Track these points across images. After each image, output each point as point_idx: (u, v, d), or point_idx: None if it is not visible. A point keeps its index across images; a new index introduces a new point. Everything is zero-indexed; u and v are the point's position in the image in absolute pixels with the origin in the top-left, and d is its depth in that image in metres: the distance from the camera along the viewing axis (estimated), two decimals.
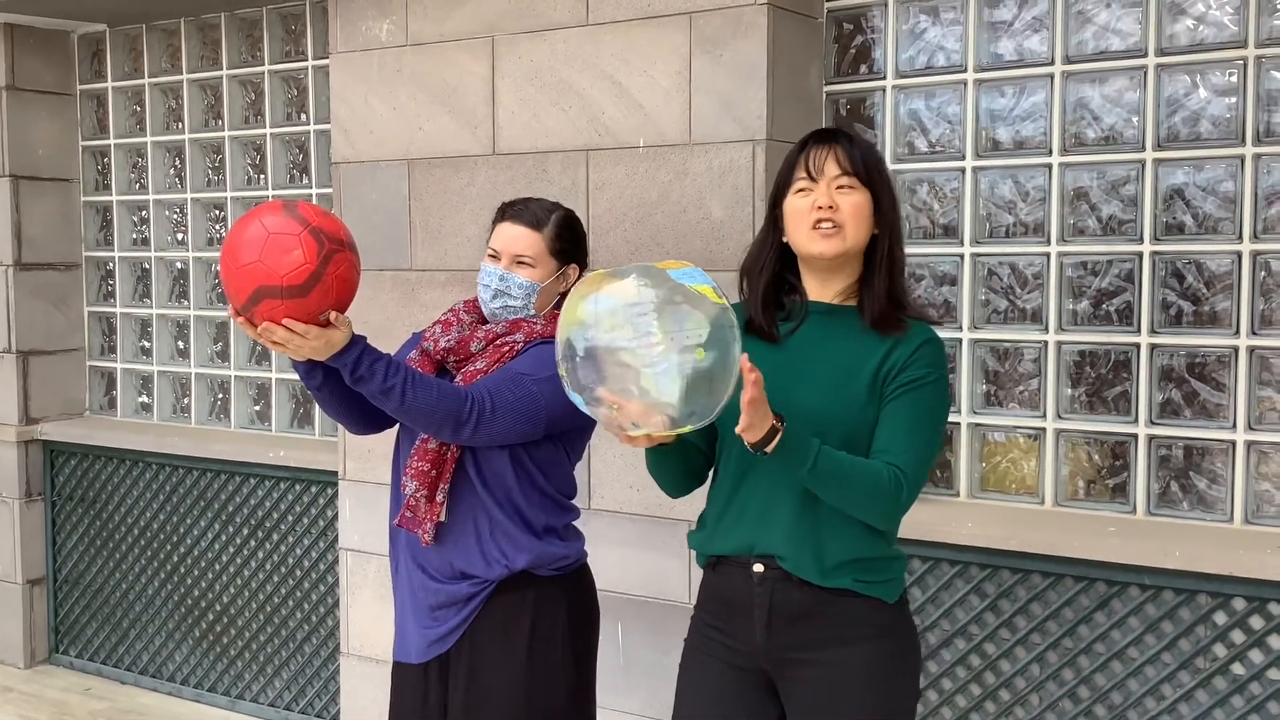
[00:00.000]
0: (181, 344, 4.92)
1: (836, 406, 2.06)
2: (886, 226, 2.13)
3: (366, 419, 2.46)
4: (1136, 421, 3.10)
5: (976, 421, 3.30)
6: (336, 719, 4.28)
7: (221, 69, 4.68)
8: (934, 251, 3.34)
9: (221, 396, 4.83)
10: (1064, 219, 3.18)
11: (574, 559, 2.49)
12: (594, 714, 2.55)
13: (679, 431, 1.95)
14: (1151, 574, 2.91)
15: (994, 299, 3.29)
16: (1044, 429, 3.21)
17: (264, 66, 4.57)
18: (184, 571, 4.67)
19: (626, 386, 1.91)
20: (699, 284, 1.94)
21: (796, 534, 2.07)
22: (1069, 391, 3.20)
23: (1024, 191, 3.24)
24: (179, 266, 4.90)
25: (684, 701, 2.23)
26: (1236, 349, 3.00)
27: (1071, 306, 3.19)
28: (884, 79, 3.37)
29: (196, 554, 4.63)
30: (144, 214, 4.99)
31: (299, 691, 4.41)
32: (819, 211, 2.08)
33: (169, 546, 4.70)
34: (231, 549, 4.53)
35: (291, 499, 4.37)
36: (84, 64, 5.07)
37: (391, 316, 3.82)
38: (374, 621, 3.96)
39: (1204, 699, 2.90)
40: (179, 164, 4.87)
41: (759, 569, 2.10)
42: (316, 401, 2.39)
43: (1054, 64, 3.17)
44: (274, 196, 4.56)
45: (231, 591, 4.54)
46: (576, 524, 2.55)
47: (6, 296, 4.89)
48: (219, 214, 4.78)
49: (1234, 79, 2.98)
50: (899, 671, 2.14)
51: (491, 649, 2.41)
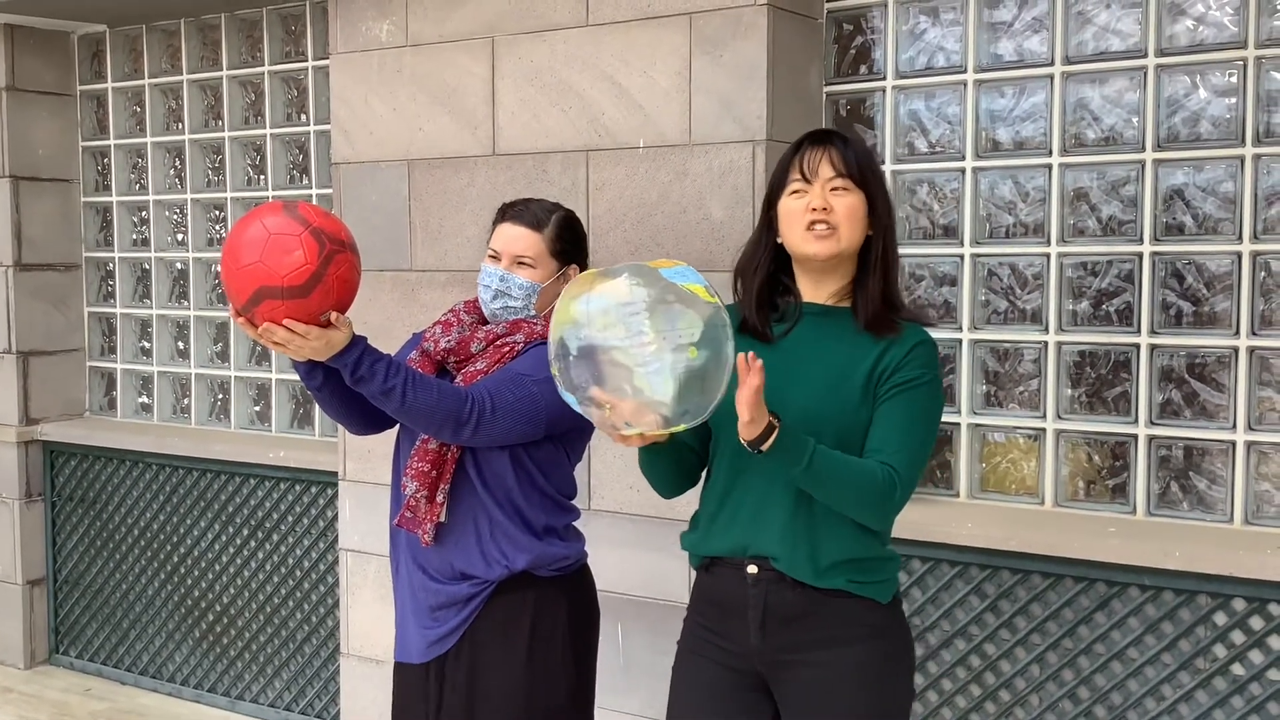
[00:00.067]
0: (181, 344, 4.92)
1: (830, 407, 2.06)
2: (881, 228, 2.13)
3: (367, 419, 2.46)
4: (1136, 422, 3.10)
5: (976, 422, 3.30)
6: (336, 719, 4.28)
7: (221, 69, 4.68)
8: (934, 252, 3.34)
9: (221, 397, 4.83)
10: (1064, 219, 3.18)
11: (574, 559, 2.49)
12: (594, 714, 2.55)
13: (672, 430, 1.95)
14: (1151, 574, 2.91)
15: (994, 299, 3.29)
16: (1044, 429, 3.21)
17: (264, 67, 4.57)
18: (184, 572, 4.67)
19: (619, 386, 1.91)
20: (691, 283, 1.94)
21: (791, 534, 2.07)
22: (1069, 392, 3.20)
23: (1024, 192, 3.24)
24: (179, 267, 4.90)
25: (678, 703, 2.22)
26: (1236, 349, 3.00)
27: (1071, 307, 3.19)
28: (884, 79, 3.37)
29: (196, 554, 4.63)
30: (144, 214, 4.99)
31: (299, 692, 4.41)
32: (813, 213, 2.08)
33: (169, 547, 4.70)
34: (231, 549, 4.53)
35: (291, 499, 4.37)
36: (84, 64, 5.07)
37: (391, 317, 3.82)
38: (374, 622, 3.96)
39: (1204, 699, 2.90)
40: (179, 164, 4.87)
41: (753, 570, 2.10)
42: (317, 402, 2.39)
43: (1054, 64, 3.17)
44: (274, 197, 4.56)
45: (231, 592, 4.54)
46: (577, 525, 2.55)
47: (6, 297, 4.89)
48: (219, 214, 4.78)
49: (1234, 79, 2.99)
50: (893, 671, 2.14)
51: (492, 649, 2.41)
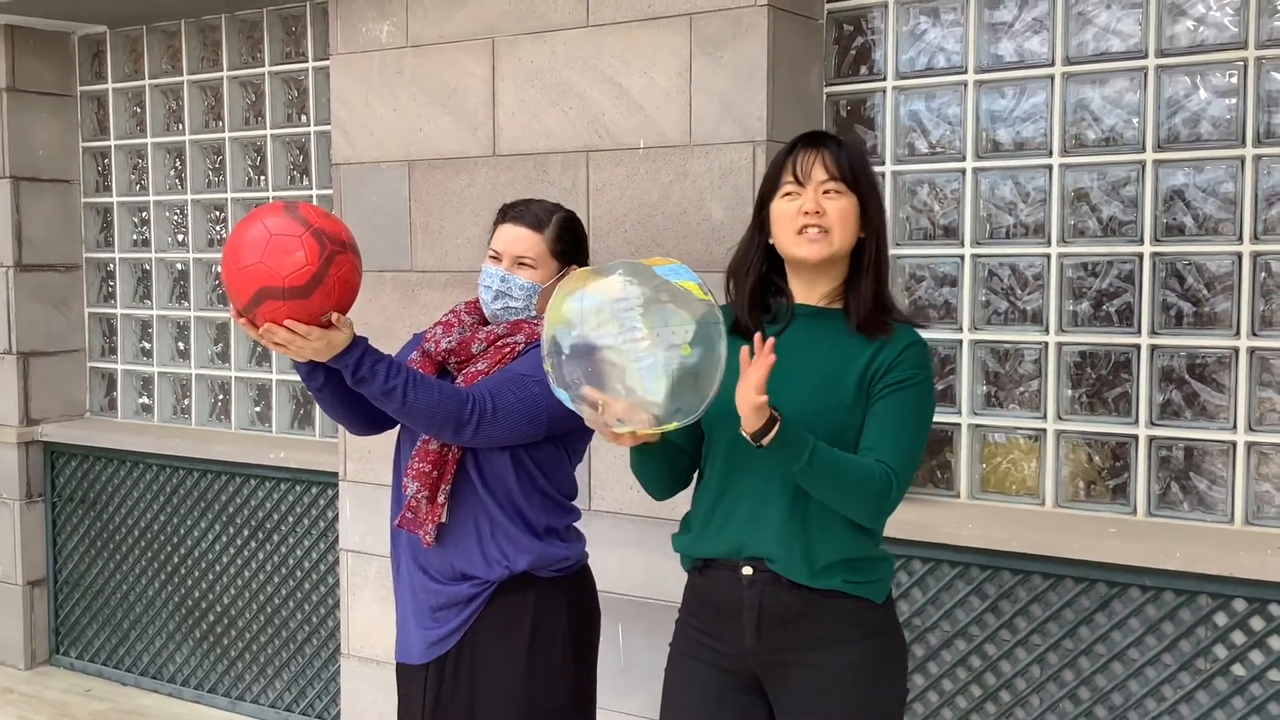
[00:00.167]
0: (182, 345, 4.92)
1: (823, 407, 2.06)
2: (873, 230, 2.13)
3: (367, 420, 2.46)
4: (1137, 423, 3.10)
5: (977, 422, 3.30)
6: (337, 719, 4.29)
7: (222, 70, 4.68)
8: (934, 252, 3.34)
9: (222, 398, 4.83)
10: (1064, 220, 3.18)
11: (575, 560, 2.49)
12: (594, 715, 2.55)
13: (664, 429, 1.94)
14: (1152, 575, 2.91)
15: (994, 300, 3.29)
16: (1044, 430, 3.21)
17: (264, 68, 4.57)
18: (184, 573, 4.67)
19: (612, 384, 1.90)
20: (685, 280, 1.94)
21: (786, 535, 2.07)
22: (1069, 392, 3.20)
23: (1024, 193, 3.24)
24: (179, 268, 4.90)
25: (671, 705, 2.22)
26: (1237, 350, 3.00)
27: (1072, 307, 3.19)
28: (884, 80, 3.37)
29: (197, 555, 4.63)
30: (144, 215, 4.99)
31: (299, 692, 4.41)
32: (805, 217, 2.08)
33: (169, 548, 4.70)
34: (232, 550, 4.53)
35: (292, 500, 4.37)
36: (84, 65, 5.07)
37: (392, 318, 3.82)
38: (374, 622, 3.96)
39: (1204, 700, 2.90)
40: (179, 165, 4.87)
41: (748, 571, 2.10)
42: (318, 403, 2.39)
43: (1054, 65, 3.17)
44: (274, 198, 4.56)
45: (232, 593, 4.54)
46: (577, 525, 2.55)
47: (7, 298, 4.89)
48: (219, 215, 4.78)
49: (1234, 80, 2.99)
50: (888, 671, 2.14)
51: (492, 650, 2.41)
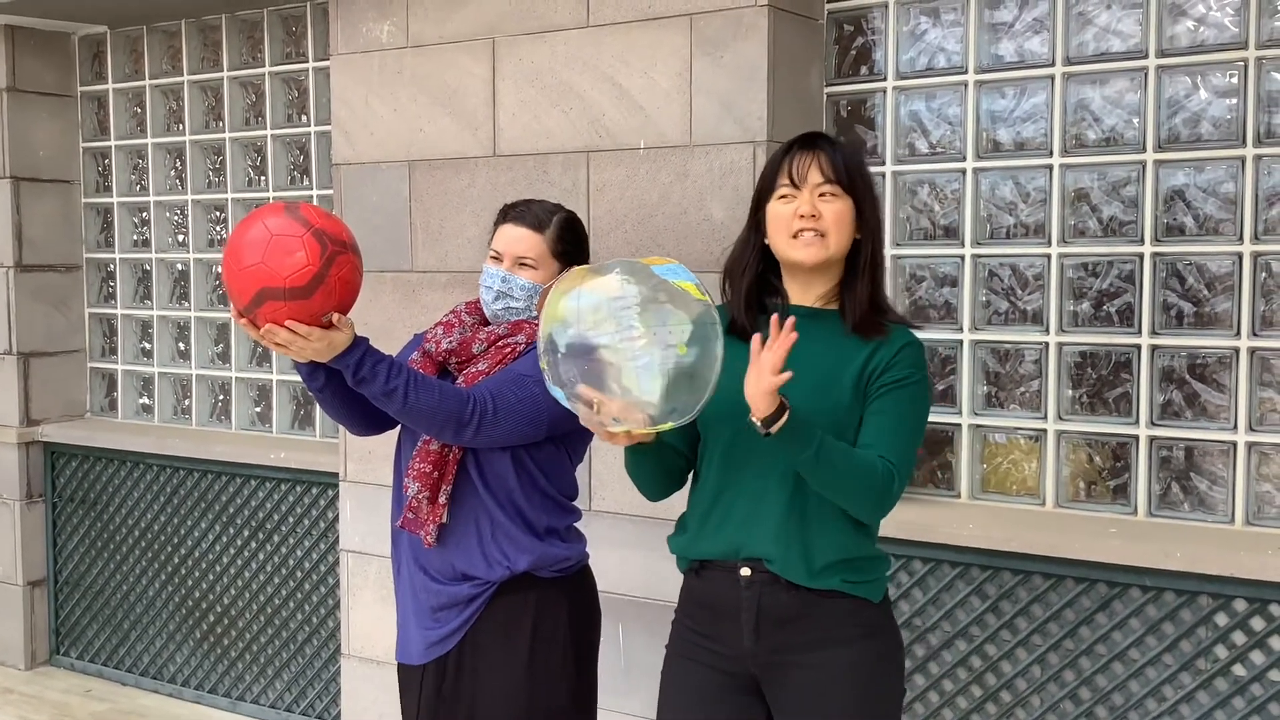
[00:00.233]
0: (182, 345, 4.92)
1: (821, 408, 2.06)
2: (869, 233, 2.13)
3: (368, 420, 2.46)
4: (1137, 423, 3.10)
5: (977, 423, 3.30)
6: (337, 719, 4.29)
7: (222, 70, 4.68)
8: (935, 253, 3.34)
9: (222, 398, 4.83)
10: (1065, 220, 3.18)
11: (575, 560, 2.49)
12: (595, 715, 2.55)
13: (658, 429, 1.94)
14: (1153, 575, 2.91)
15: (995, 300, 3.29)
16: (1045, 430, 3.21)
17: (265, 68, 4.57)
18: (185, 573, 4.67)
19: (607, 383, 1.90)
20: (682, 280, 1.94)
21: (785, 535, 2.07)
22: (1070, 393, 3.20)
23: (1025, 193, 3.24)
24: (180, 268, 4.90)
25: (667, 707, 2.22)
26: (1237, 350, 3.00)
27: (1072, 308, 3.19)
28: (885, 80, 3.37)
29: (197, 555, 4.63)
30: (145, 215, 4.99)
31: (300, 693, 4.41)
32: (801, 220, 2.08)
33: (170, 548, 4.70)
34: (232, 550, 4.53)
35: (292, 500, 4.37)
36: (85, 65, 5.07)
37: (392, 318, 3.82)
38: (375, 623, 3.96)
39: (1205, 700, 2.90)
40: (180, 165, 4.87)
41: (746, 572, 2.10)
42: (318, 403, 2.39)
43: (1054, 65, 3.17)
44: (275, 198, 4.56)
45: (232, 593, 4.54)
46: (578, 525, 2.55)
47: (7, 298, 4.89)
48: (220, 215, 4.78)
49: (1234, 80, 2.99)
50: (886, 670, 2.15)
51: (493, 650, 2.41)
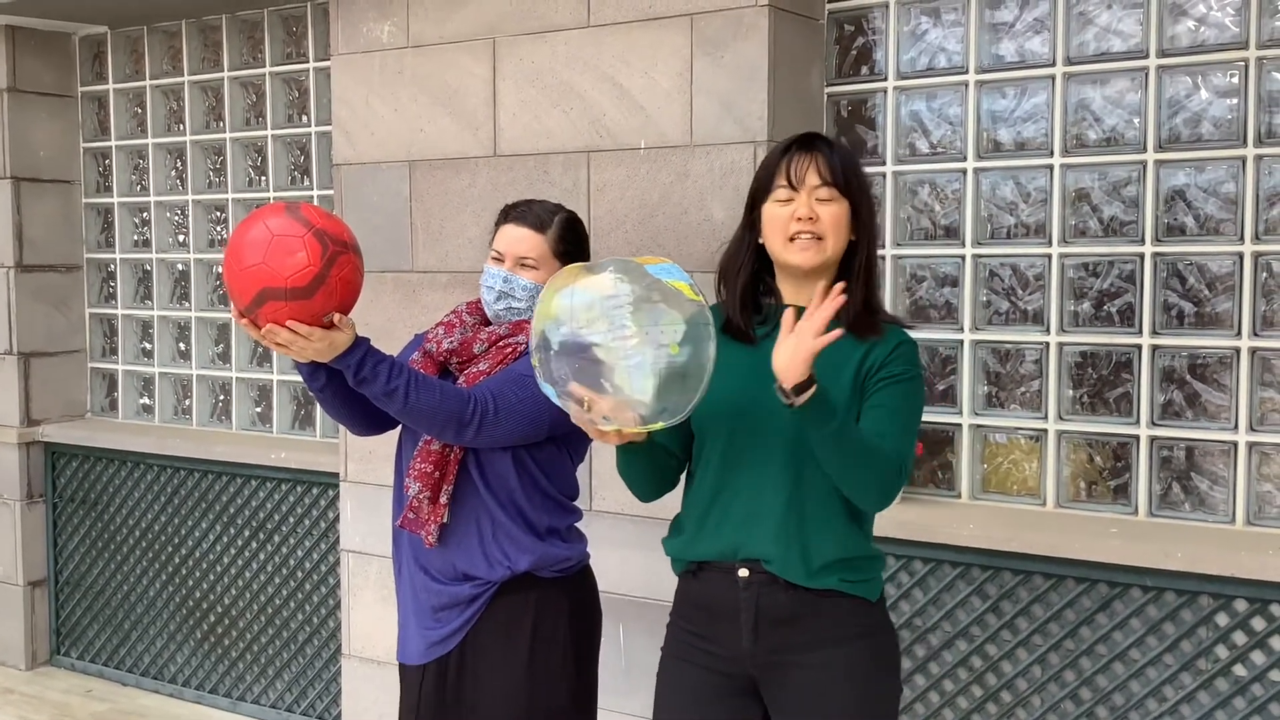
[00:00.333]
0: (183, 346, 4.92)
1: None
2: (865, 235, 2.13)
3: (369, 420, 2.46)
4: (1138, 423, 3.10)
5: (978, 423, 3.30)
6: None
7: (223, 70, 4.68)
8: (935, 253, 3.34)
9: (223, 398, 4.83)
10: (1065, 220, 3.18)
11: (576, 560, 2.49)
12: (595, 715, 2.55)
13: (649, 428, 1.94)
14: (1153, 575, 2.91)
15: (995, 300, 3.29)
16: (1045, 430, 3.21)
17: (265, 68, 4.57)
18: (185, 573, 4.67)
19: (599, 381, 1.90)
20: (676, 280, 1.94)
21: (783, 536, 2.07)
22: (1070, 393, 3.20)
23: (1025, 193, 3.24)
24: (180, 268, 4.90)
25: (664, 709, 2.22)
26: (1238, 350, 3.00)
27: (1073, 308, 3.19)
28: (885, 80, 3.37)
29: (198, 556, 4.63)
30: (145, 216, 4.99)
31: (300, 693, 4.41)
32: (799, 223, 2.08)
33: (170, 548, 4.70)
34: (233, 551, 4.53)
35: (293, 500, 4.37)
36: (85, 66, 5.07)
37: (393, 318, 3.82)
38: (375, 623, 3.96)
39: (1206, 700, 2.90)
40: (180, 166, 4.87)
41: (744, 573, 2.10)
42: (319, 403, 2.39)
43: (1055, 65, 3.17)
44: (275, 198, 4.56)
45: (233, 593, 4.54)
46: (579, 526, 2.55)
47: (8, 298, 4.89)
48: (220, 215, 4.78)
49: (1235, 80, 2.99)
50: (883, 668, 2.15)
51: (493, 650, 2.41)
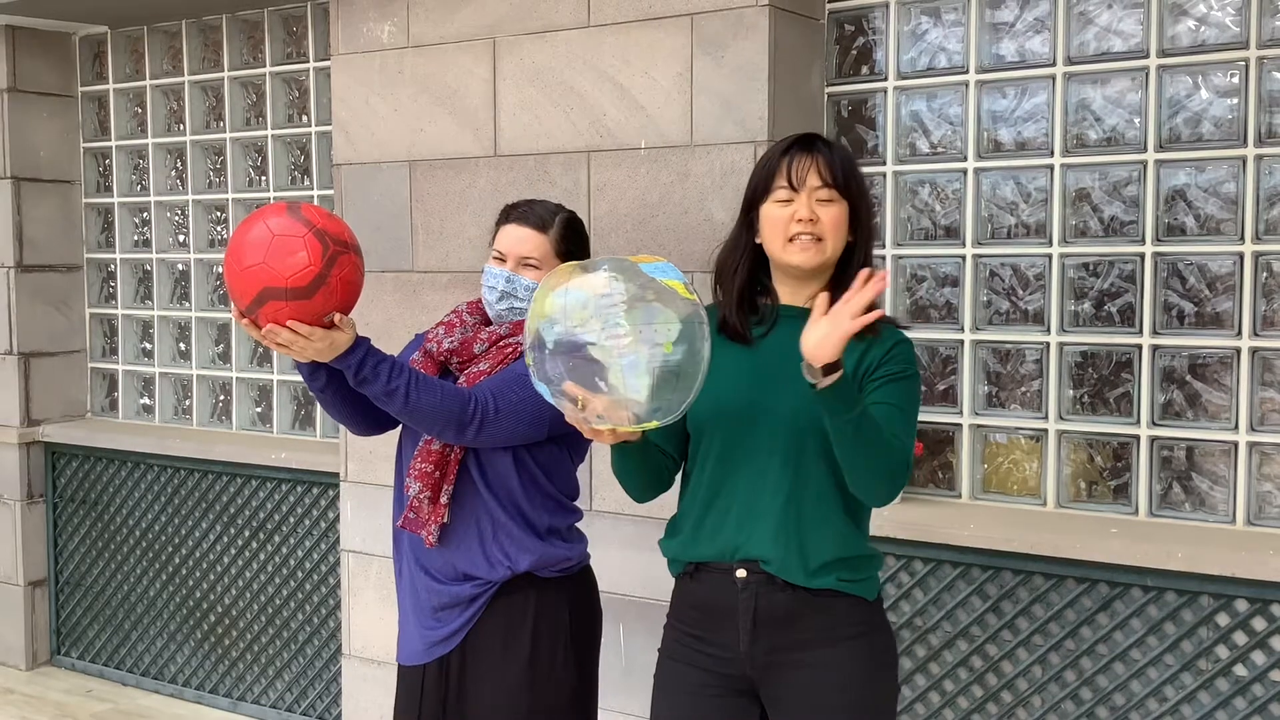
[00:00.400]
0: (183, 346, 4.92)
1: (815, 408, 2.05)
2: (863, 236, 2.14)
3: (369, 420, 2.46)
4: (1138, 423, 3.10)
5: (978, 423, 3.30)
6: None
7: (223, 70, 4.68)
8: (935, 253, 3.34)
9: (223, 398, 4.83)
10: (1066, 220, 3.18)
11: (577, 560, 2.49)
12: (596, 715, 2.55)
13: (643, 427, 1.94)
14: (1154, 575, 2.91)
15: (996, 300, 3.29)
16: (1046, 430, 3.21)
17: (265, 68, 4.57)
18: (185, 573, 4.67)
19: (593, 381, 1.90)
20: (670, 279, 1.94)
21: (782, 536, 2.07)
22: (1071, 393, 3.20)
23: (1026, 193, 3.24)
24: (180, 268, 4.90)
25: (661, 710, 2.22)
26: (1238, 350, 3.00)
27: (1073, 308, 3.19)
28: (885, 80, 3.37)
29: (198, 556, 4.63)
30: (145, 216, 4.99)
31: (301, 693, 4.41)
32: (799, 224, 2.08)
33: (170, 548, 4.70)
34: (233, 551, 4.53)
35: (293, 500, 4.37)
36: (85, 66, 5.07)
37: (393, 318, 3.82)
38: (375, 623, 3.96)
39: (1206, 700, 2.90)
40: (180, 166, 4.87)
41: (742, 574, 2.10)
42: (320, 403, 2.39)
43: (1055, 65, 3.17)
44: (275, 198, 4.56)
45: (233, 593, 4.54)
46: (579, 525, 2.55)
47: (8, 298, 4.89)
48: (220, 215, 4.78)
49: (1236, 80, 2.99)
50: (881, 666, 2.16)
51: (494, 650, 2.41)
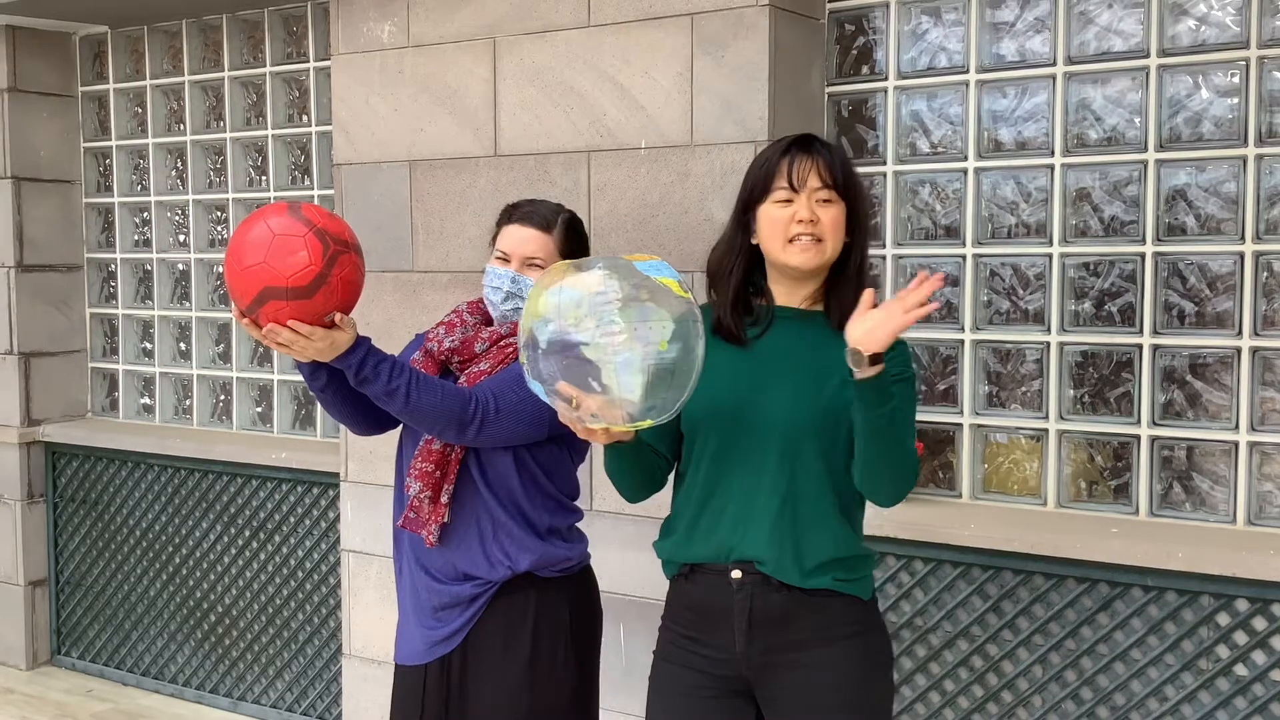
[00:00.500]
0: (183, 345, 4.92)
1: (813, 408, 2.06)
2: (860, 237, 2.14)
3: (370, 420, 2.46)
4: (1139, 422, 3.10)
5: (979, 423, 3.30)
6: None
7: (223, 70, 4.68)
8: (936, 252, 3.34)
9: (224, 398, 4.83)
10: (1066, 220, 3.18)
11: (577, 560, 2.49)
12: (597, 715, 2.55)
13: (637, 426, 1.94)
14: (1154, 575, 2.91)
15: (996, 300, 3.29)
16: (1046, 430, 3.21)
17: (265, 68, 4.57)
18: (186, 573, 4.67)
19: (587, 381, 1.90)
20: (664, 277, 1.94)
21: (777, 536, 2.07)
22: (1071, 392, 3.20)
23: (1026, 192, 3.24)
24: (180, 268, 4.90)
25: (657, 712, 2.22)
26: (1239, 350, 3.00)
27: (1074, 307, 3.19)
28: (886, 80, 3.37)
29: (198, 555, 4.63)
30: (145, 215, 4.99)
31: (301, 693, 4.41)
32: (800, 225, 2.08)
33: (171, 548, 4.70)
34: (233, 550, 4.53)
35: (293, 500, 4.37)
36: (85, 65, 5.07)
37: (393, 318, 3.82)
38: (376, 623, 3.96)
39: (1207, 700, 2.90)
40: (180, 165, 4.87)
41: (737, 575, 2.10)
42: (320, 403, 2.39)
43: (1056, 65, 3.16)
44: (276, 198, 4.56)
45: (233, 593, 4.54)
46: (579, 525, 2.55)
47: (8, 298, 4.89)
48: (220, 215, 4.78)
49: (1236, 80, 2.99)
50: (877, 664, 2.16)
51: (494, 650, 2.41)
